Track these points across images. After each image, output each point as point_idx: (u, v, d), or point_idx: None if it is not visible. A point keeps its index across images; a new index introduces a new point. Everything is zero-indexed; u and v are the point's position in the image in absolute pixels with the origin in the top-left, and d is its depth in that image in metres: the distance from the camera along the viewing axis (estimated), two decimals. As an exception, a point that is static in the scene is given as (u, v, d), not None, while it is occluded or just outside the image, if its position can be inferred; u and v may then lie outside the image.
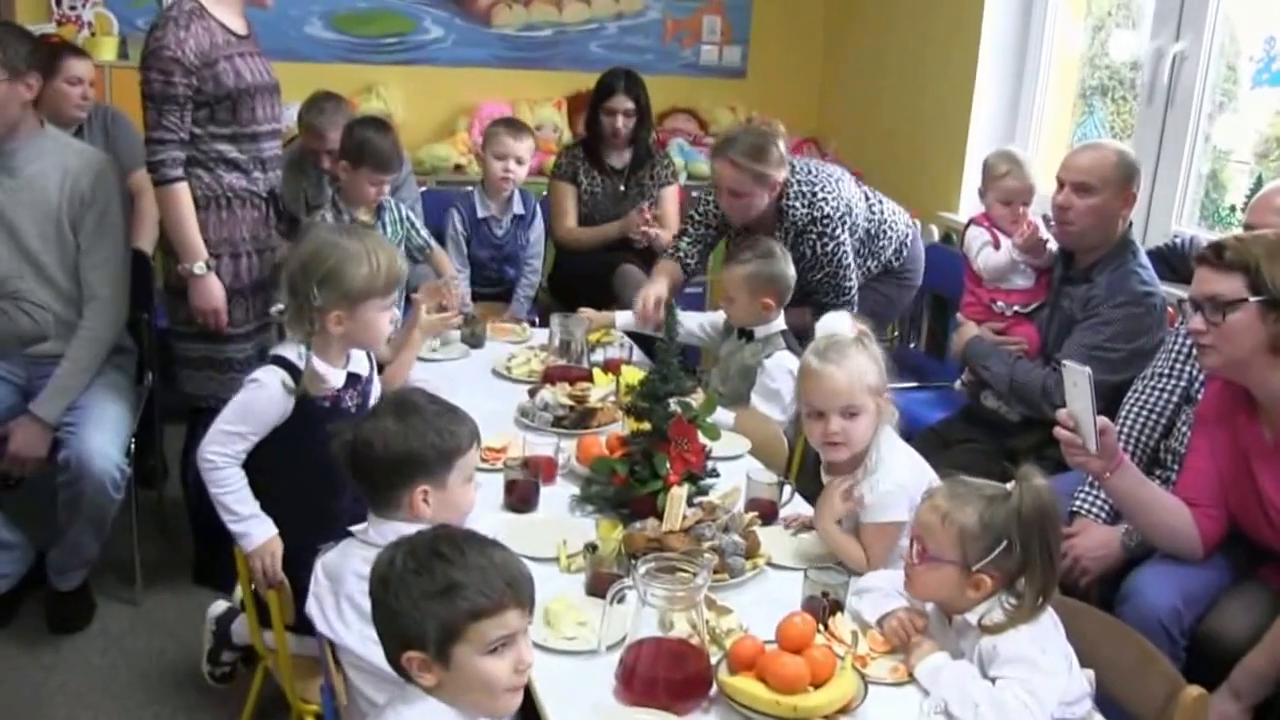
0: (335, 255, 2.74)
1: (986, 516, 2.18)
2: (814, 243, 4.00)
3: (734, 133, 4.02)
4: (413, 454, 2.23)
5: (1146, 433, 3.12)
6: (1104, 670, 2.30)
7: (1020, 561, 2.17)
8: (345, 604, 2.23)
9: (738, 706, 2.04)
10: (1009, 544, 2.16)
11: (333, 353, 2.82)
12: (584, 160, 4.99)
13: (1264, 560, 2.75)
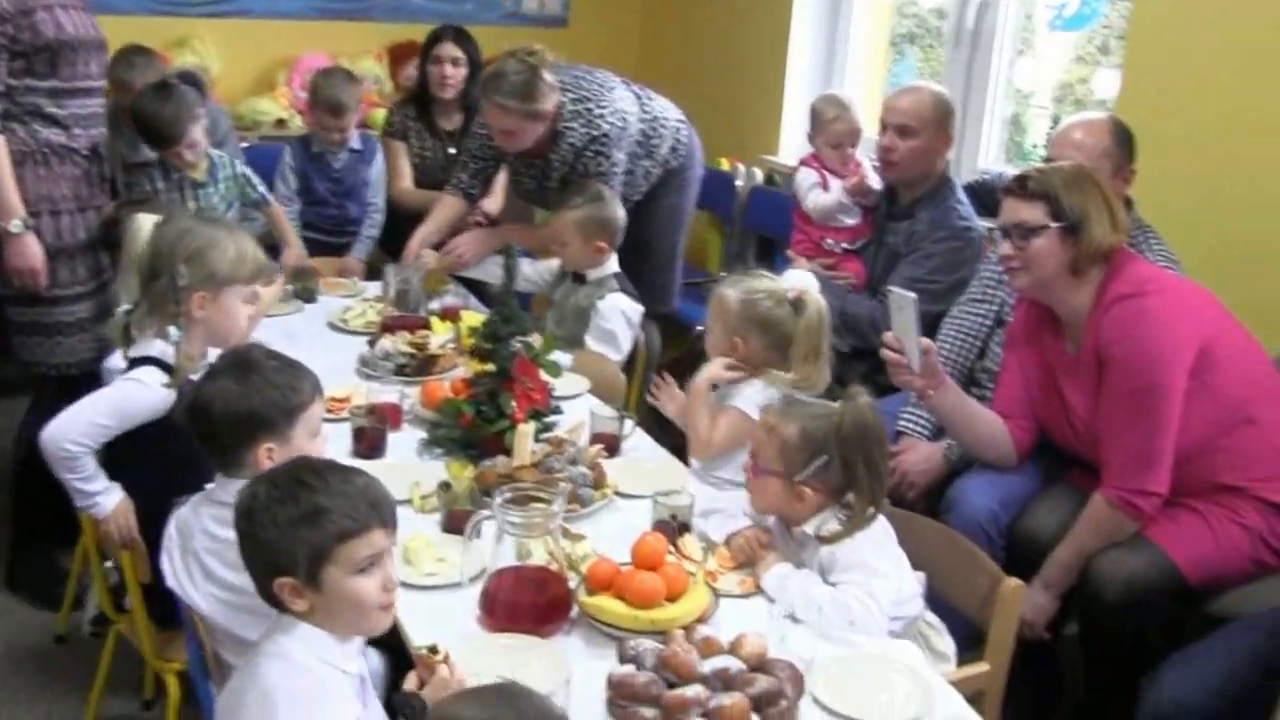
0: (203, 237, 2.73)
1: (807, 431, 2.35)
2: (589, 161, 4.01)
3: (500, 69, 3.91)
4: (255, 412, 2.23)
5: (963, 354, 3.32)
6: (933, 571, 2.48)
7: (842, 475, 2.33)
8: (193, 562, 2.25)
9: (599, 624, 2.15)
10: (829, 459, 2.32)
11: (195, 343, 2.77)
12: (415, 120, 4.95)
13: (1070, 465, 2.98)
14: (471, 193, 4.33)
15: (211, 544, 2.22)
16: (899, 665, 2.13)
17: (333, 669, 1.81)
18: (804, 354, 2.80)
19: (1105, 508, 2.71)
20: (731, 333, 2.87)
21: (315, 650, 1.80)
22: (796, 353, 2.81)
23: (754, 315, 2.85)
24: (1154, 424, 2.67)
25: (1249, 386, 2.78)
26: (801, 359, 2.80)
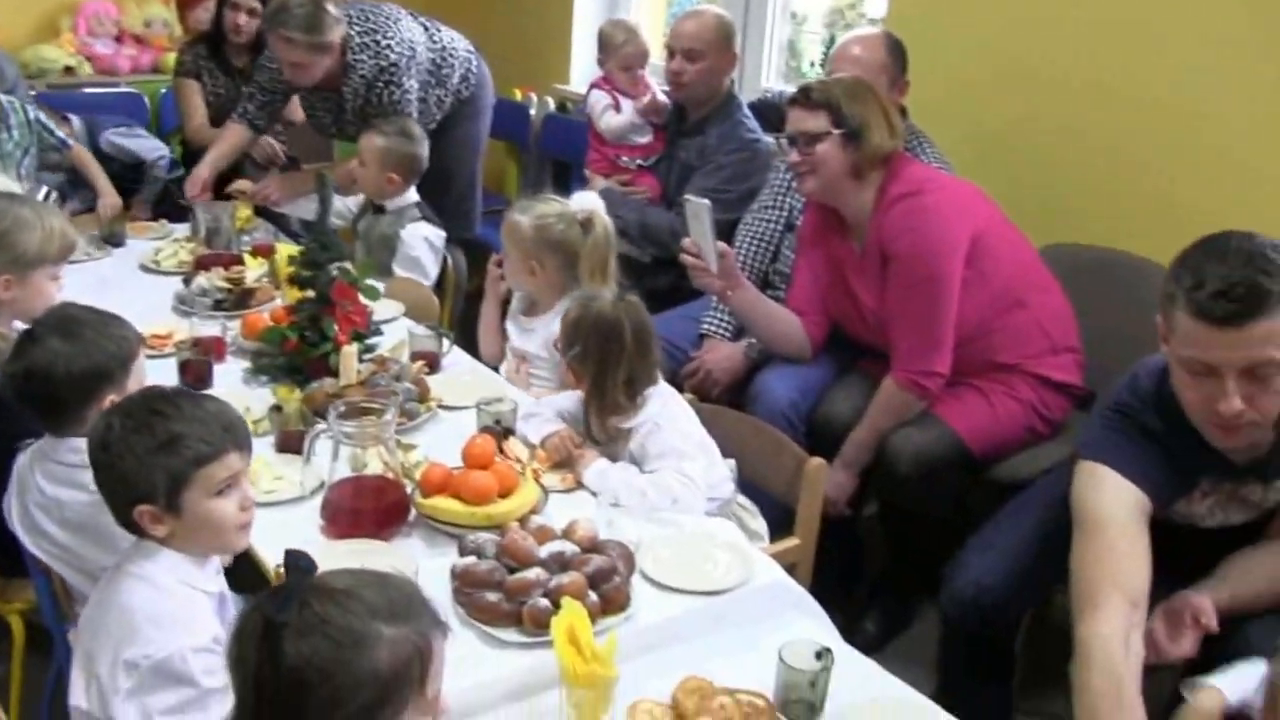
0: (9, 218, 2.69)
1: (572, 318, 2.58)
2: (381, 91, 4.08)
3: (284, 3, 3.92)
4: (96, 367, 2.22)
5: (757, 259, 3.53)
6: (742, 458, 2.69)
7: (594, 366, 2.53)
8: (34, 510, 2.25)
9: (438, 524, 2.27)
10: (581, 349, 2.53)
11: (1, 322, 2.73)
12: (206, 59, 4.87)
13: (861, 354, 3.22)
14: (258, 124, 4.35)
15: (42, 499, 2.23)
16: (719, 540, 2.32)
17: (193, 590, 1.87)
18: (590, 271, 2.97)
19: (895, 389, 2.96)
20: (528, 257, 3.02)
21: (176, 573, 1.85)
22: (584, 270, 2.98)
23: (548, 239, 3.00)
24: (935, 311, 2.92)
25: (1018, 274, 3.06)
26: (589, 275, 2.97)
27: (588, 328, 2.53)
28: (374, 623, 1.39)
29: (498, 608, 2.01)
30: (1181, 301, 1.98)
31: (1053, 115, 3.60)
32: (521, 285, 3.13)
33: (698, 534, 2.33)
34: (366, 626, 1.38)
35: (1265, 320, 1.93)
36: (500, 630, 2.00)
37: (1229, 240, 1.99)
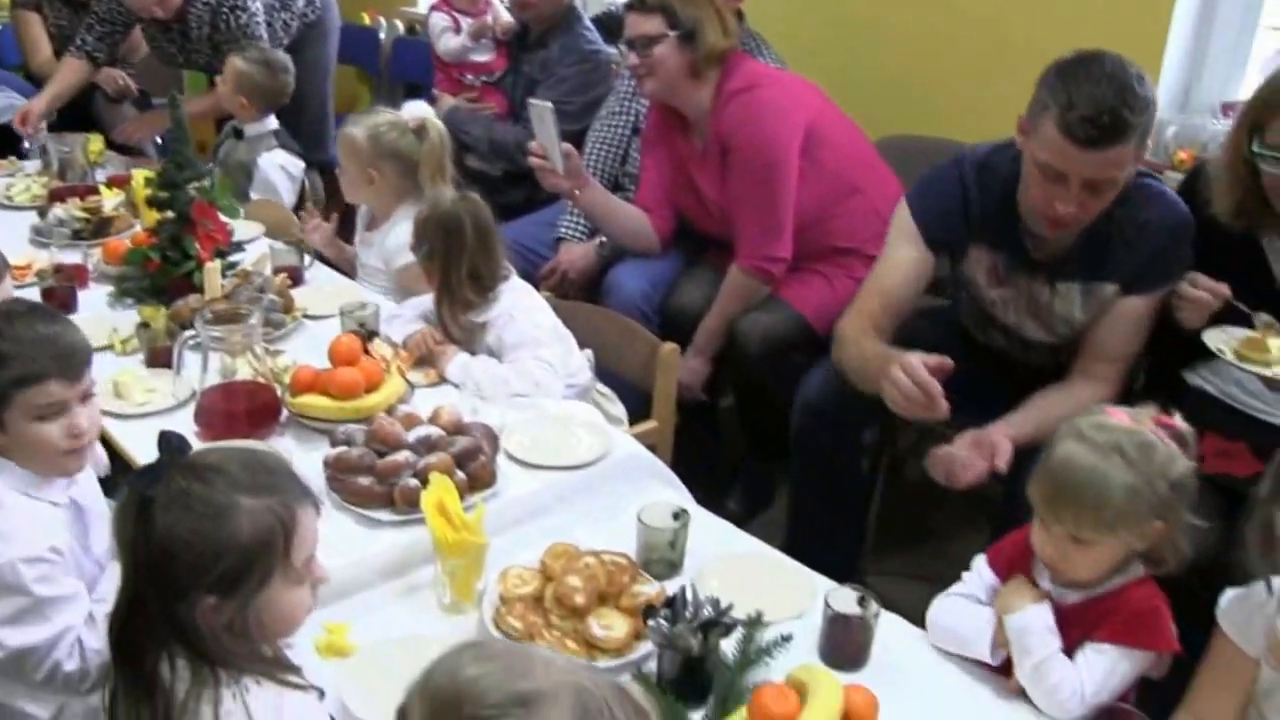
0: None
1: (422, 217, 2.70)
2: (227, 17, 4.12)
3: None
4: None
5: (607, 163, 3.66)
6: (600, 348, 2.84)
7: (441, 264, 2.66)
8: None
9: (309, 420, 2.37)
10: (429, 247, 2.68)
11: None
12: None
13: (708, 246, 3.38)
14: (96, 56, 4.34)
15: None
16: (579, 420, 2.47)
17: (35, 501, 1.89)
18: (431, 175, 3.09)
19: (740, 276, 3.13)
20: (365, 167, 3.12)
21: (12, 483, 1.88)
22: (424, 175, 3.09)
23: (382, 147, 3.10)
24: (774, 199, 3.09)
25: (853, 162, 3.24)
26: (430, 180, 3.08)
27: (433, 226, 2.66)
28: (235, 495, 1.48)
29: (370, 490, 2.13)
30: (1053, 114, 2.21)
31: (882, 20, 3.80)
32: (361, 198, 3.24)
33: (558, 415, 2.47)
34: (228, 499, 1.47)
35: (1119, 147, 2.20)
36: (374, 511, 2.12)
37: (1103, 64, 2.21)
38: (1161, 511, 1.76)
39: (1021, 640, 1.79)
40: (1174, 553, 1.81)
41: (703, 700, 1.75)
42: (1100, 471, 1.74)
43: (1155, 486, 1.74)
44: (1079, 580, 1.82)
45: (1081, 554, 1.77)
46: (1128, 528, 1.75)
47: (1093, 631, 1.80)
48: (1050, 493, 1.78)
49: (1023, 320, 2.59)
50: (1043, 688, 1.77)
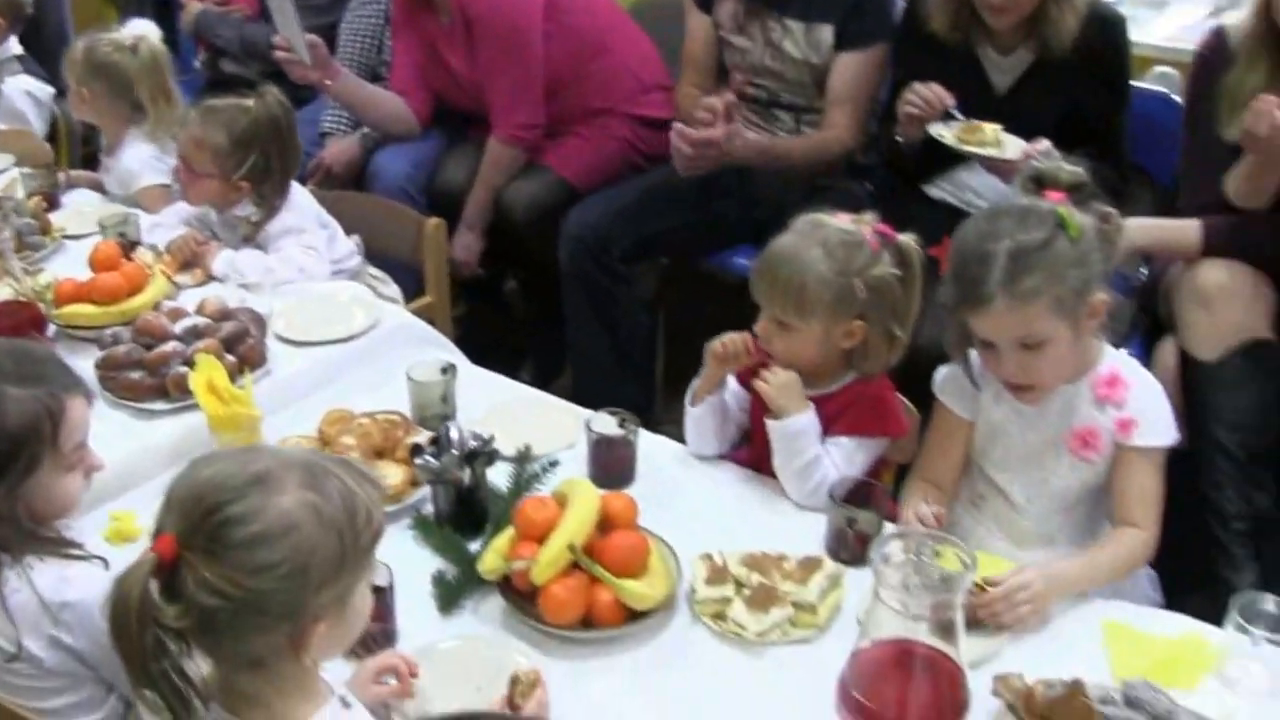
0: None
1: (235, 134, 2.64)
2: None
3: None
4: None
5: (363, 54, 3.64)
6: (369, 233, 2.89)
7: (264, 165, 2.65)
8: None
9: (76, 331, 2.38)
10: (260, 153, 2.65)
11: None
12: None
13: (468, 123, 3.43)
14: None
15: None
16: (347, 297, 2.54)
17: None
18: (151, 95, 3.05)
19: (499, 147, 3.20)
20: (79, 84, 3.08)
21: None
22: (143, 95, 3.05)
23: (94, 65, 3.04)
24: (522, 66, 3.15)
25: (598, 21, 3.32)
26: (150, 101, 3.05)
27: (265, 130, 2.65)
28: (1, 385, 1.55)
29: (141, 384, 2.17)
30: None
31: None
32: (84, 116, 3.22)
33: (326, 295, 2.53)
34: None
35: None
36: (148, 403, 2.17)
37: None
38: (861, 310, 1.92)
39: (795, 443, 1.94)
40: (878, 356, 1.98)
41: (479, 531, 1.87)
42: (801, 260, 1.90)
43: (852, 284, 1.90)
44: (790, 366, 1.97)
45: (785, 339, 1.94)
46: (824, 318, 1.91)
47: (830, 427, 1.97)
48: (758, 276, 1.95)
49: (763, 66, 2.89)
50: (807, 485, 1.94)
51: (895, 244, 1.96)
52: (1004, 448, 1.91)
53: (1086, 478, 1.88)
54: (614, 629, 1.67)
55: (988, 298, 1.73)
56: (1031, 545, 1.91)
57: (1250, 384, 2.32)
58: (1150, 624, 1.73)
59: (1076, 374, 1.85)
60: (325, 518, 1.20)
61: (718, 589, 1.71)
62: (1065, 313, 1.74)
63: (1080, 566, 1.79)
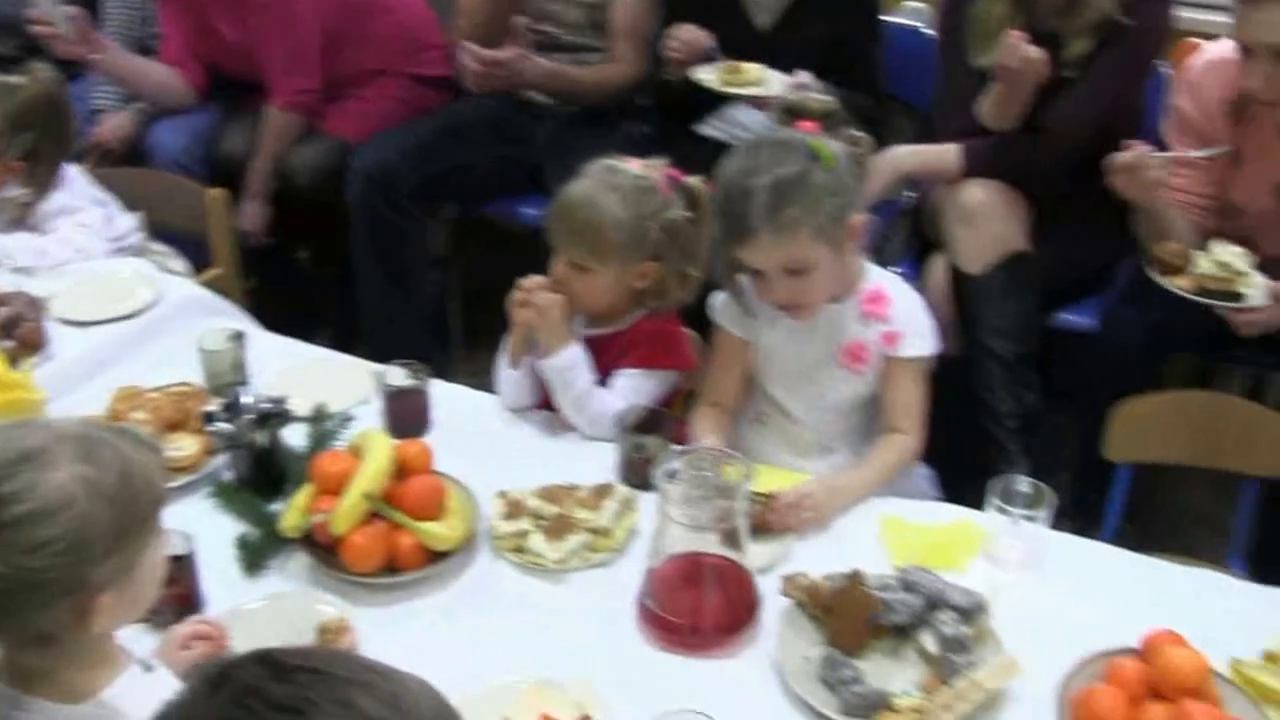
0: None
1: (8, 112, 2.56)
2: None
3: None
4: None
5: (128, 26, 3.50)
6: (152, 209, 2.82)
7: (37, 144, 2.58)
8: None
9: None
10: (39, 132, 2.58)
11: None
12: None
13: (245, 91, 3.36)
14: None
15: None
16: (129, 274, 2.49)
17: None
18: None
19: (277, 115, 3.17)
20: None
21: None
22: None
23: None
24: (293, 30, 3.12)
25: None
26: None
27: (43, 108, 2.57)
28: None
29: (-89, 381, 2.10)
30: None
31: None
32: None
33: (106, 274, 2.49)
34: None
35: None
36: (-81, 401, 2.10)
37: None
38: (655, 251, 2.00)
39: (562, 378, 2.00)
40: (671, 294, 2.06)
41: (279, 491, 1.88)
42: (597, 205, 1.97)
43: (647, 226, 1.98)
44: (589, 311, 2.04)
45: (582, 282, 2.00)
46: (621, 260, 1.99)
47: (620, 361, 2.05)
48: (555, 221, 2.01)
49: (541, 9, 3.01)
50: (585, 416, 2.01)
51: (684, 186, 2.05)
52: (780, 366, 2.02)
53: (858, 389, 2.00)
54: (417, 572, 1.71)
55: (753, 231, 1.82)
56: (812, 456, 2.02)
57: (1012, 292, 2.49)
58: (923, 516, 1.86)
59: (843, 293, 1.96)
60: (102, 489, 1.18)
61: (515, 523, 1.76)
62: (826, 238, 1.84)
63: (856, 476, 1.92)
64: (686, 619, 1.60)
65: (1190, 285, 2.29)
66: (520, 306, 2.02)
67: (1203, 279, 2.29)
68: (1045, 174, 2.57)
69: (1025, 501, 1.74)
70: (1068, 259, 2.53)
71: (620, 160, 2.06)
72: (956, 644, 1.54)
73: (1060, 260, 2.54)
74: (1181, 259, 2.30)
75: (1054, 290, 2.60)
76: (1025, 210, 2.57)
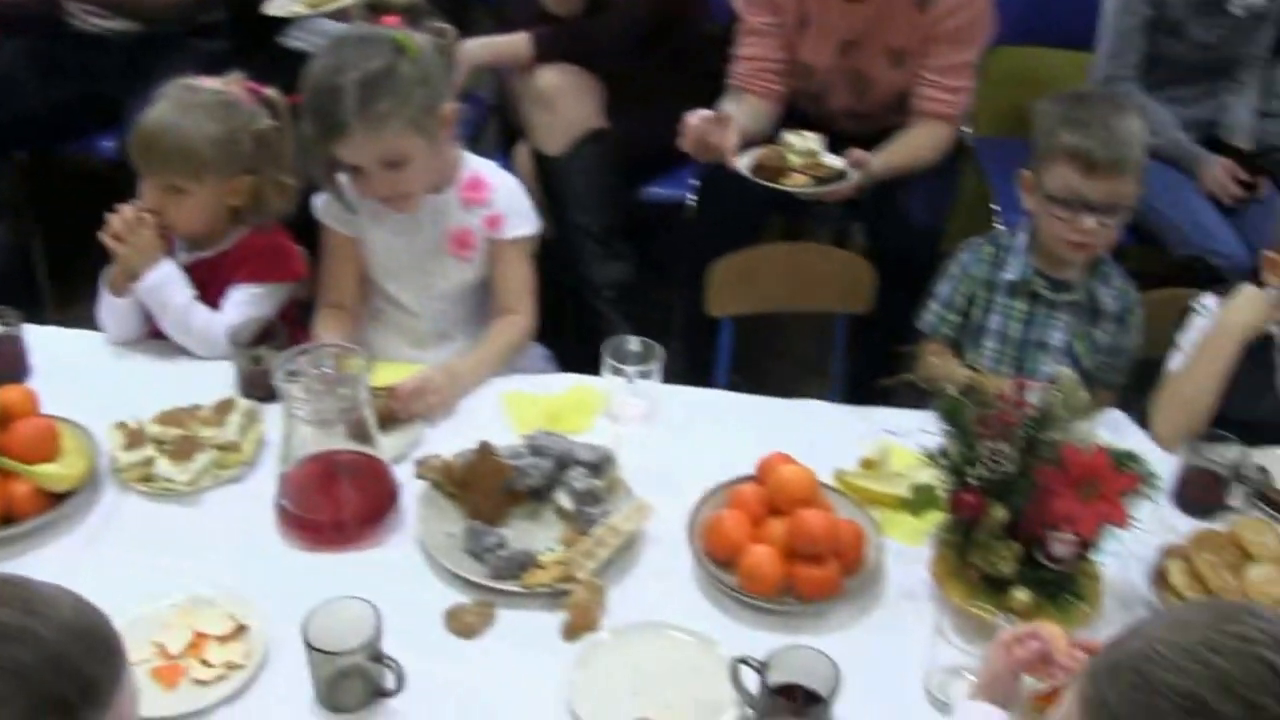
0: None
1: None
2: None
3: None
4: None
5: None
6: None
7: None
8: None
9: None
10: None
11: None
12: None
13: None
14: None
15: None
16: None
17: None
18: None
19: None
20: None
21: None
22: None
23: None
24: None
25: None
26: None
27: None
28: None
29: None
30: None
31: None
32: None
33: None
34: None
35: None
36: None
37: None
38: (249, 164, 1.97)
39: (157, 297, 1.95)
40: (271, 205, 2.04)
41: None
42: (183, 126, 1.93)
43: (239, 139, 1.95)
44: (188, 233, 2.00)
45: (178, 206, 1.96)
46: (215, 177, 1.95)
47: (233, 276, 2.01)
48: (140, 148, 1.94)
49: None
50: (193, 335, 1.97)
51: (264, 97, 2.02)
52: (390, 260, 2.04)
53: (468, 276, 2.05)
54: (39, 517, 1.63)
55: (345, 127, 1.82)
56: (431, 345, 2.07)
57: (595, 169, 2.60)
58: (541, 387, 1.95)
59: (443, 182, 2.00)
60: None
61: (138, 452, 1.71)
62: (419, 128, 1.87)
63: (475, 359, 1.98)
64: (327, 516, 1.62)
65: (802, 182, 2.40)
66: (112, 238, 1.95)
67: (805, 171, 2.40)
68: (611, 53, 2.68)
69: (637, 359, 1.85)
70: (648, 134, 2.63)
71: (195, 79, 2.01)
72: (589, 497, 1.63)
73: (640, 135, 2.66)
74: (778, 160, 2.42)
75: (639, 165, 2.72)
76: (598, 89, 2.67)
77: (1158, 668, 0.89)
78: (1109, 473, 1.46)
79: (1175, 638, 0.90)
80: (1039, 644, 1.27)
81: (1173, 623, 0.94)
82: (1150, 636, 0.92)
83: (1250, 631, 0.89)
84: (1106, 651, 0.96)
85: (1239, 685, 0.86)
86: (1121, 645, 0.95)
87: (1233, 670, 0.87)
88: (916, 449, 1.58)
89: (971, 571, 1.53)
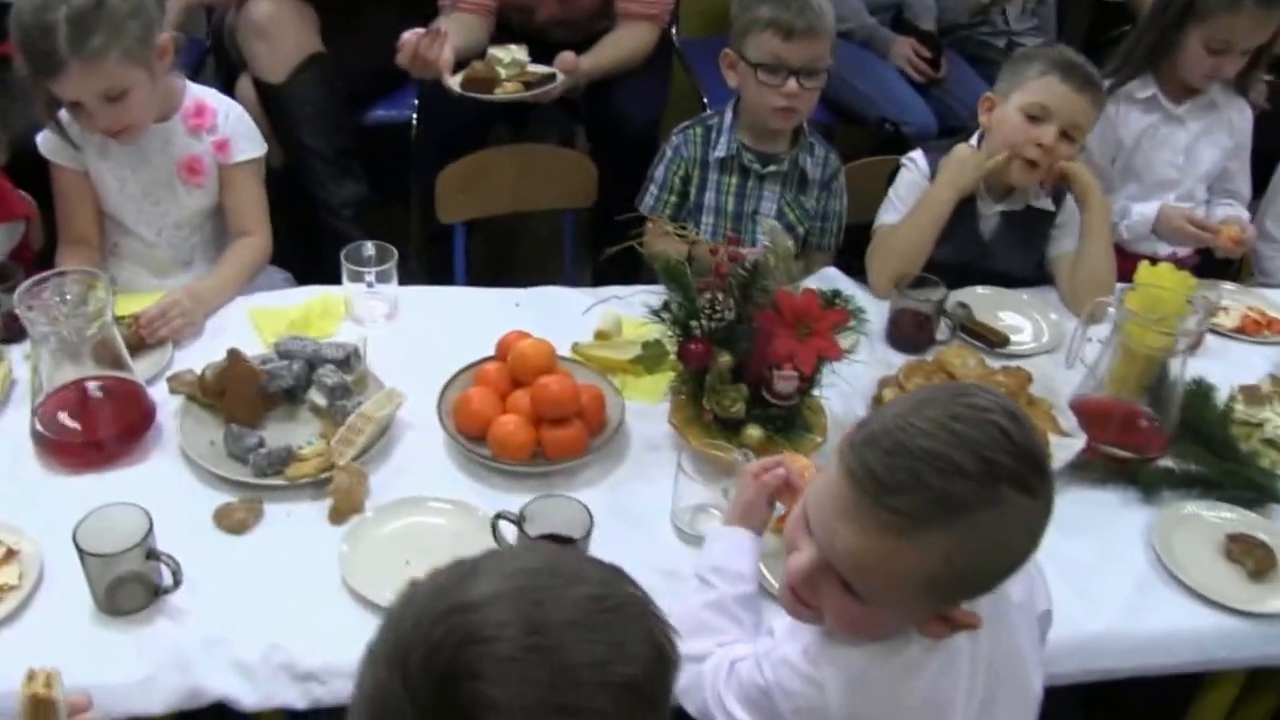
0: None
1: None
2: None
3: None
4: None
5: None
6: None
7: None
8: None
9: None
10: None
11: None
12: None
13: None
14: None
15: None
16: None
17: None
18: None
19: None
20: None
21: None
22: None
23: None
24: None
25: None
26: None
27: None
28: None
29: None
30: None
31: None
32: None
33: None
34: None
35: None
36: None
37: None
38: None
39: None
40: None
41: None
42: None
43: None
44: None
45: None
46: None
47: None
48: None
49: None
50: None
51: None
52: (122, 192, 2.06)
53: (202, 202, 2.09)
54: None
55: (61, 64, 1.82)
56: (174, 272, 2.11)
57: (318, 93, 2.64)
58: (285, 300, 2.02)
59: (167, 112, 2.02)
60: None
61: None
62: (136, 59, 1.88)
63: (216, 279, 2.03)
64: (85, 437, 1.66)
65: (512, 89, 2.47)
66: None
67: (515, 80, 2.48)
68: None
69: (375, 262, 1.94)
70: (368, 55, 2.68)
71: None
72: (341, 390, 1.72)
73: (360, 57, 2.70)
74: (488, 72, 2.49)
75: (363, 86, 2.78)
76: (313, 15, 2.70)
77: (910, 435, 1.04)
78: (820, 311, 1.63)
79: (923, 410, 1.06)
80: (784, 471, 1.43)
81: (918, 401, 1.10)
82: (899, 413, 1.08)
83: (983, 402, 1.07)
84: (858, 429, 1.11)
85: (978, 445, 1.03)
86: (873, 422, 1.10)
87: (973, 433, 1.04)
88: (643, 314, 1.72)
89: (707, 416, 1.69)
